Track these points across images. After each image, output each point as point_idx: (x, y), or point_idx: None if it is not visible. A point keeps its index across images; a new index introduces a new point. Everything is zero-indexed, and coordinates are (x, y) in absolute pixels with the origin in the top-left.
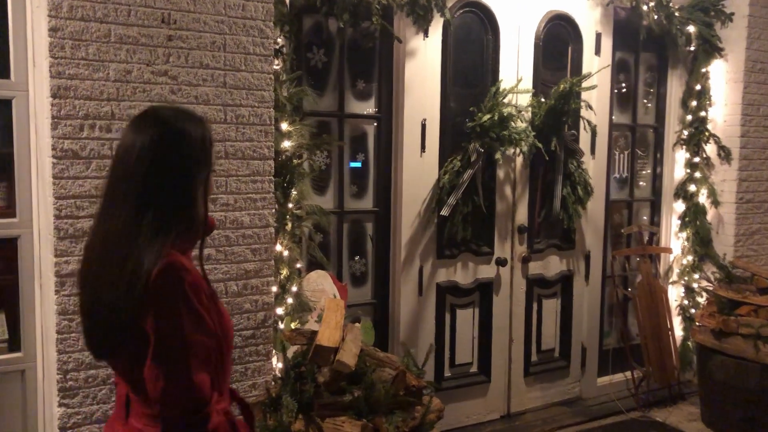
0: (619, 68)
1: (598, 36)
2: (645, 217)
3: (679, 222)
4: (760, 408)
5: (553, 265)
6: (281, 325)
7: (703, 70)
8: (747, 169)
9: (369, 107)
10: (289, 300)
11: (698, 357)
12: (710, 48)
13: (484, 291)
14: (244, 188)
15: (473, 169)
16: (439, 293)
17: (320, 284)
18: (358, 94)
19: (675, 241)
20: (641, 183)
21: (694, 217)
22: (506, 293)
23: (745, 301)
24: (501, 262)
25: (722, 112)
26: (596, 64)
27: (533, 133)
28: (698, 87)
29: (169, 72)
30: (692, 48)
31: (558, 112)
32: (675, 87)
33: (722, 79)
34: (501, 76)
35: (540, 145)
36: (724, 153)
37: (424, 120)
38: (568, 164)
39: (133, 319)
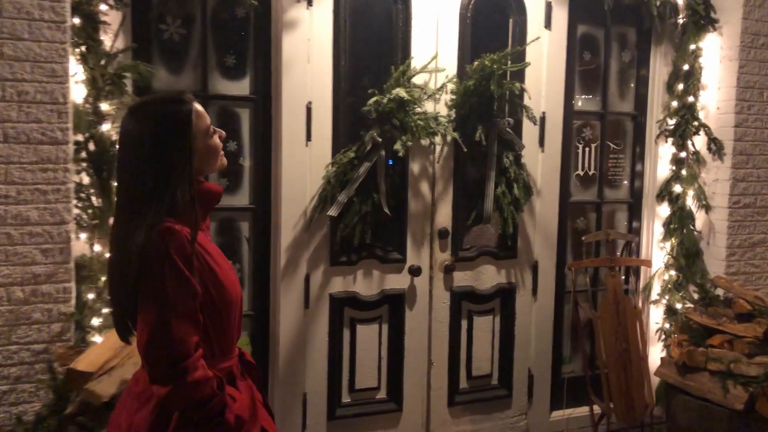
0: (583, 45)
1: (549, 5)
2: (625, 223)
3: (663, 229)
4: None
5: (487, 277)
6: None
7: (692, 46)
8: (744, 166)
9: (242, 87)
10: (105, 310)
11: (665, 395)
12: (702, 19)
13: (395, 304)
14: (30, 178)
15: (371, 162)
16: (334, 306)
17: None
18: (227, 72)
19: (659, 251)
20: (616, 182)
21: (679, 223)
22: (423, 308)
23: (719, 328)
24: (415, 271)
25: (715, 97)
26: (547, 40)
27: (449, 120)
28: (686, 67)
29: None
30: (681, 19)
31: (482, 96)
32: (660, 68)
33: (716, 57)
34: (414, 53)
35: (455, 134)
36: (716, 146)
37: (310, 103)
38: (503, 158)
39: (135, 289)
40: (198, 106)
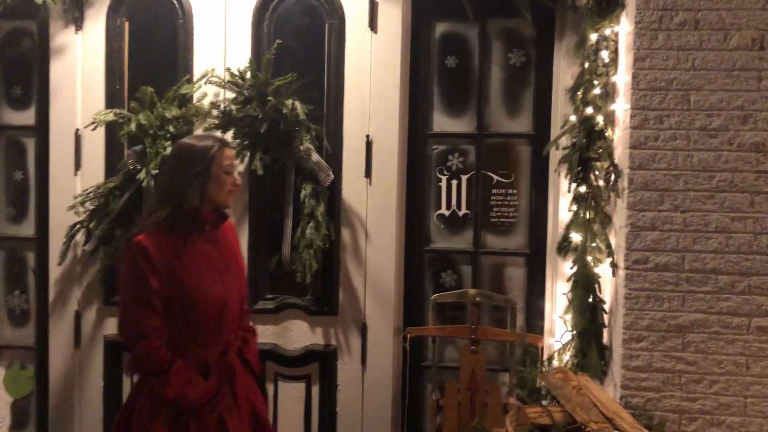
0: (445, 48)
1: (372, 2)
2: (523, 282)
3: (569, 293)
4: None
5: (295, 335)
6: None
7: (594, 36)
8: (654, 207)
9: (28, 117)
10: None
11: None
12: None
13: None
14: None
15: (131, 192)
16: (109, 350)
17: None
18: (14, 103)
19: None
20: (504, 226)
21: (576, 288)
22: None
23: None
24: None
25: (622, 105)
26: (372, 45)
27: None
28: (587, 65)
29: None
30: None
31: (257, 118)
32: (564, 70)
33: (623, 48)
34: (198, 69)
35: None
36: (615, 176)
37: (78, 131)
38: (301, 191)
39: None
40: (228, 150)
